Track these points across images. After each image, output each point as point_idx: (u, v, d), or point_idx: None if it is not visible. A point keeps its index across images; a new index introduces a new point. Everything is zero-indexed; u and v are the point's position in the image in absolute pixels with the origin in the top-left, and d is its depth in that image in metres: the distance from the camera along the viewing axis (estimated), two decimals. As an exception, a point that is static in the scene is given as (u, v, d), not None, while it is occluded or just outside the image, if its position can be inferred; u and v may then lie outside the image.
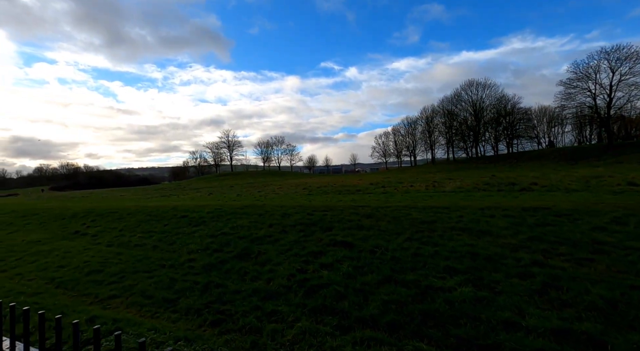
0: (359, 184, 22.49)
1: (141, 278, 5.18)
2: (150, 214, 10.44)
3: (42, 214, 13.95)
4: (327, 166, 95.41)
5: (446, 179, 20.23)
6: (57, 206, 16.29)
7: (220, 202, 13.21)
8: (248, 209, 9.51)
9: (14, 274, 6.08)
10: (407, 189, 16.03)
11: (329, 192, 17.48)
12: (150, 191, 37.97)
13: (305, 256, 5.30)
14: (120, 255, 6.66)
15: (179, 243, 7.03)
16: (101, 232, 9.17)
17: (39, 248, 8.05)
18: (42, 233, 10.25)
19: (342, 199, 11.84)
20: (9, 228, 12.20)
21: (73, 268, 6.08)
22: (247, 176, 69.24)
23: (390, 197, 12.15)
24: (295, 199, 13.58)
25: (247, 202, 12.37)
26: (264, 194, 19.78)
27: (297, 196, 15.61)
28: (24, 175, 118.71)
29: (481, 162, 54.30)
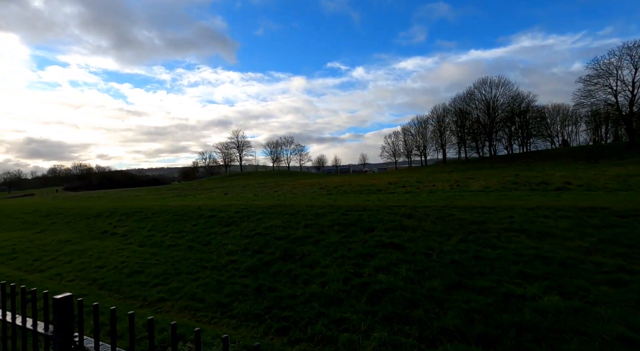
0: (376, 183, 22.12)
1: (186, 280, 5.01)
2: (176, 214, 10.35)
3: (66, 213, 14.07)
4: (335, 166, 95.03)
5: (467, 179, 19.70)
6: (78, 206, 16.45)
7: (242, 202, 13.08)
8: (276, 209, 9.31)
9: (53, 275, 6.00)
10: (430, 188, 15.62)
11: (349, 192, 17.20)
12: (163, 191, 38.33)
13: (355, 259, 5.05)
14: (156, 256, 6.53)
15: (215, 243, 6.87)
16: (130, 232, 9.10)
17: (72, 248, 8.01)
18: (70, 233, 10.27)
19: (368, 198, 11.55)
20: (36, 227, 12.31)
21: (111, 268, 5.96)
22: (257, 176, 69.45)
23: (416, 196, 11.80)
24: (316, 199, 13.35)
25: (269, 202, 12.19)
26: (281, 193, 19.62)
27: (317, 196, 15.38)
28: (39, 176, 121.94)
29: (495, 162, 53.14)
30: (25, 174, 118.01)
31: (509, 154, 60.71)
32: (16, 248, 8.63)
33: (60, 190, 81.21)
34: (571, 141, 66.86)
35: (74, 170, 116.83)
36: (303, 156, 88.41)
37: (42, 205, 19.52)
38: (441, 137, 74.21)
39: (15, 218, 15.31)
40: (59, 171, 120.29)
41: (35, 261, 7.09)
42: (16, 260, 7.41)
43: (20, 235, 11.06)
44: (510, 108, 54.26)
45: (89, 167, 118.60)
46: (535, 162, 45.36)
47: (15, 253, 8.15)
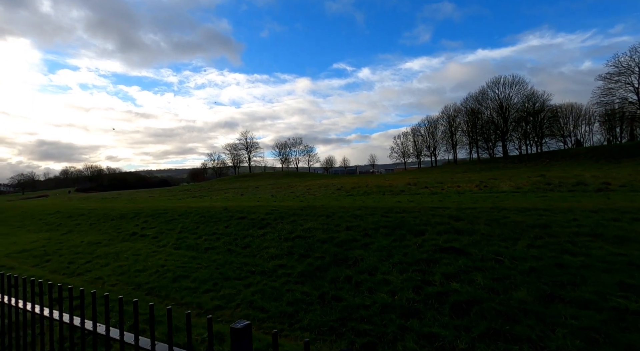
0: (394, 184, 21.69)
1: (237, 286, 4.74)
2: (203, 215, 10.15)
3: (88, 215, 14.04)
4: (344, 167, 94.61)
5: (490, 179, 19.12)
6: (99, 207, 16.45)
7: (263, 203, 12.84)
8: (308, 210, 9.02)
9: (93, 279, 5.81)
10: (456, 189, 15.15)
11: (371, 193, 16.84)
12: (176, 192, 38.51)
13: (416, 265, 4.71)
14: (196, 259, 6.29)
15: (254, 246, 6.60)
16: (160, 234, 8.92)
17: (104, 250, 7.86)
18: (98, 234, 10.16)
19: (398, 199, 11.18)
20: (61, 229, 12.28)
21: (153, 272, 5.74)
22: (266, 177, 69.50)
23: (446, 198, 11.38)
24: (340, 200, 13.03)
25: (292, 203, 11.92)
26: (299, 194, 19.37)
27: (340, 197, 15.06)
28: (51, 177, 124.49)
29: (508, 162, 52.03)
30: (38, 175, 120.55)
31: (521, 155, 59.41)
32: (47, 250, 8.53)
33: (73, 191, 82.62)
34: (584, 141, 65.21)
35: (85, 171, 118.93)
36: (311, 157, 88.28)
37: (63, 206, 19.64)
38: (452, 138, 73.21)
39: (39, 219, 15.37)
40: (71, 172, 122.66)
41: (70, 264, 6.93)
42: (51, 263, 7.28)
43: (47, 236, 11.02)
44: (524, 107, 53.09)
45: (99, 168, 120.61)
46: (552, 162, 44.21)
47: (47, 255, 8.04)
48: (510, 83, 53.86)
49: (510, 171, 32.17)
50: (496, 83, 54.92)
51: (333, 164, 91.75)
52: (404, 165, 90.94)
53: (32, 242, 10.07)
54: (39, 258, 7.82)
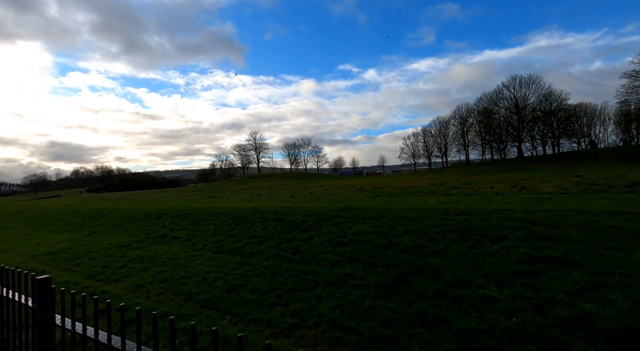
0: (417, 185, 20.89)
1: (305, 298, 4.10)
2: (234, 216, 9.57)
3: (110, 215, 13.63)
4: (353, 168, 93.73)
5: (521, 180, 18.18)
6: (119, 207, 16.07)
7: (290, 204, 12.22)
8: (349, 211, 8.35)
9: (133, 286, 5.24)
10: (490, 190, 14.31)
11: (398, 193, 16.09)
12: (188, 193, 38.30)
13: (516, 278, 4.00)
14: (244, 265, 5.68)
15: (306, 251, 5.97)
16: (193, 236, 8.37)
17: (137, 253, 7.32)
18: (125, 236, 9.67)
19: (440, 200, 10.44)
20: (84, 229, 11.86)
21: (200, 280, 5.15)
22: (276, 178, 69.10)
23: (489, 199, 10.59)
24: (369, 200, 12.35)
25: (321, 204, 11.27)
26: (320, 195, 18.73)
27: (367, 198, 14.37)
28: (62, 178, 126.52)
29: (526, 163, 50.50)
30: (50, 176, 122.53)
31: (537, 156, 57.75)
32: (75, 252, 8.04)
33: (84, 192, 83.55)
34: (598, 142, 63.17)
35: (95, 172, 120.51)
36: (320, 158, 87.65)
37: (81, 206, 19.39)
38: (464, 138, 71.78)
39: (59, 219, 15.05)
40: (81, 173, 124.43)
41: (104, 269, 6.40)
42: (82, 266, 6.76)
43: (71, 237, 10.59)
44: (541, 107, 51.56)
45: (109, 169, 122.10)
46: (573, 163, 42.67)
47: (76, 257, 7.54)
48: (527, 82, 52.43)
49: (534, 172, 30.98)
50: (512, 82, 53.55)
51: (342, 165, 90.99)
52: (413, 166, 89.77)
53: (57, 243, 9.64)
54: (69, 261, 7.33)
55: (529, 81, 52.17)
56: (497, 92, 55.75)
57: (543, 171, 32.53)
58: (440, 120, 77.85)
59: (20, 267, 2.94)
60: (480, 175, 34.07)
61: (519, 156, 56.97)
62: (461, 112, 70.76)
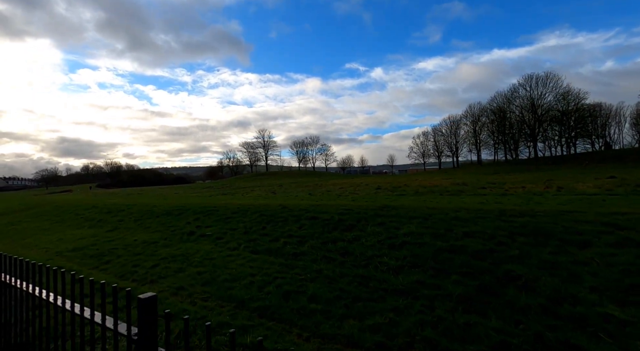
0: (439, 184, 20.17)
1: (380, 310, 3.56)
2: (262, 213, 9.09)
3: (128, 211, 13.29)
4: (357, 167, 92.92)
5: (548, 180, 17.35)
6: (137, 203, 15.76)
7: (314, 202, 11.69)
8: (389, 211, 7.79)
9: (173, 288, 4.77)
10: (522, 190, 13.58)
11: (422, 193, 15.44)
12: (199, 189, 38.10)
13: (635, 293, 3.41)
14: (292, 268, 5.17)
15: (357, 254, 5.43)
16: (223, 234, 7.90)
17: (167, 252, 6.88)
18: (148, 233, 9.26)
19: (479, 201, 9.80)
20: (104, 225, 11.52)
21: (246, 283, 4.65)
22: (284, 176, 68.72)
23: (530, 200, 9.91)
24: (395, 199, 11.75)
25: (346, 202, 10.71)
26: (339, 193, 18.17)
27: (391, 197, 13.77)
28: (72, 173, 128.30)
29: (541, 164, 49.14)
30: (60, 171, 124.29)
31: (551, 156, 56.27)
32: (101, 249, 7.64)
33: (94, 187, 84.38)
34: (613, 143, 61.36)
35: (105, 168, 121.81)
36: (328, 157, 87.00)
37: (97, 201, 19.19)
38: (476, 138, 70.46)
39: (75, 214, 14.80)
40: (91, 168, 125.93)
41: (136, 268, 5.96)
42: (111, 265, 6.34)
43: (92, 233, 10.24)
44: (558, 106, 50.08)
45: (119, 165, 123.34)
46: (593, 164, 41.30)
47: (103, 255, 7.14)
48: (544, 80, 50.95)
49: (554, 172, 29.91)
50: (528, 80, 52.13)
51: (351, 163, 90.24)
52: (423, 165, 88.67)
53: (79, 239, 9.29)
54: (96, 258, 6.92)
55: (546, 80, 50.73)
56: (512, 90, 54.38)
57: (563, 171, 31.44)
58: (451, 119, 76.53)
59: (47, 264, 2.48)
60: (495, 175, 33.09)
61: (534, 156, 55.55)
62: (473, 111, 69.51)
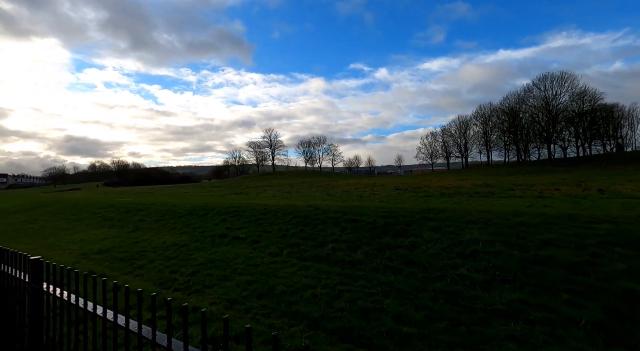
0: (461, 185, 19.46)
1: (494, 338, 2.97)
2: (295, 215, 8.53)
3: (147, 210, 12.85)
4: (362, 168, 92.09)
5: (583, 182, 16.56)
6: (155, 202, 15.33)
7: (340, 202, 11.12)
8: (436, 214, 7.19)
9: (226, 301, 4.22)
10: (558, 193, 12.86)
11: (450, 194, 14.77)
12: (209, 189, 37.76)
13: None
14: (354, 279, 4.59)
15: (423, 263, 4.84)
16: (258, 237, 7.36)
17: (204, 256, 6.34)
18: (176, 234, 8.76)
19: (527, 204, 9.14)
20: (125, 225, 11.07)
21: (309, 297, 4.09)
22: (291, 176, 68.22)
23: (578, 204, 9.24)
24: (419, 200, 11.13)
25: (373, 203, 10.11)
26: (359, 194, 17.59)
27: (417, 198, 13.14)
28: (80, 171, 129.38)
29: (557, 165, 47.94)
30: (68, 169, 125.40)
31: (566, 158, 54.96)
32: (129, 252, 7.15)
33: (101, 185, 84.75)
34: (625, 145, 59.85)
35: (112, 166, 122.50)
36: (335, 157, 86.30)
37: (111, 200, 18.84)
38: (486, 138, 69.29)
39: (92, 213, 14.40)
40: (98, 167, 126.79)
41: (174, 274, 5.44)
42: (146, 270, 5.83)
43: (114, 234, 9.79)
44: (575, 106, 48.83)
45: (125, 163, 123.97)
46: (611, 165, 40.11)
47: (133, 258, 6.64)
48: (559, 80, 49.73)
49: (573, 174, 28.93)
50: (543, 80, 50.93)
51: (359, 163, 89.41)
52: (431, 166, 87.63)
53: (103, 240, 8.83)
54: (127, 262, 6.42)
55: (562, 79, 49.51)
56: (526, 90, 53.22)
57: (584, 173, 30.42)
58: (460, 119, 75.43)
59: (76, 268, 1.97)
60: (512, 176, 32.17)
61: (547, 157, 54.30)
62: (484, 111, 68.38)
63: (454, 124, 76.51)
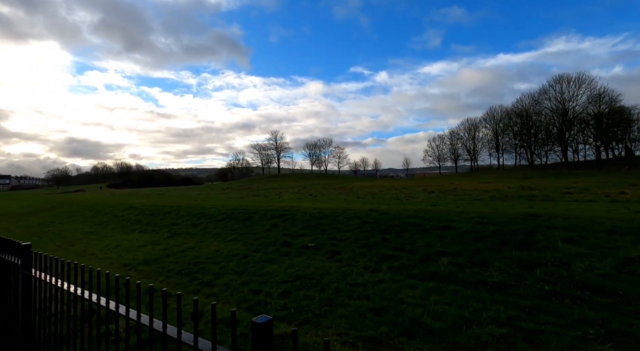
0: (497, 189, 18.32)
1: None
2: (364, 220, 7.38)
3: (175, 213, 11.70)
4: (375, 170, 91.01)
5: (634, 185, 15.43)
6: (184, 204, 14.18)
7: (392, 206, 9.98)
8: (541, 220, 6.04)
9: (362, 340, 3.07)
10: (624, 197, 11.71)
11: (497, 197, 13.63)
12: (219, 190, 36.61)
13: None
14: (531, 313, 3.43)
15: (606, 289, 3.68)
16: (332, 246, 6.19)
17: (281, 270, 5.18)
18: (224, 241, 7.60)
19: (613, 208, 7.99)
20: (158, 230, 9.89)
21: (492, 340, 2.94)
22: (299, 178, 67.10)
23: None
24: (467, 204, 9.99)
25: (425, 206, 8.97)
26: (393, 195, 16.45)
27: (462, 202, 11.99)
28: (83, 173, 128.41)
29: (574, 168, 46.75)
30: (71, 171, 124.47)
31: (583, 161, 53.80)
32: (182, 262, 5.99)
33: (104, 187, 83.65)
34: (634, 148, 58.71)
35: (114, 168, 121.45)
36: (342, 159, 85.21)
37: (126, 202, 17.70)
38: (497, 141, 68.24)
39: (113, 216, 13.25)
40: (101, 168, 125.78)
41: (257, 295, 4.28)
42: (217, 288, 4.67)
43: (149, 239, 8.64)
44: (592, 108, 47.76)
45: (128, 165, 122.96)
46: (631, 169, 38.91)
47: (192, 271, 5.47)
48: (577, 81, 48.72)
49: (599, 177, 27.76)
50: (559, 81, 49.92)
51: (366, 166, 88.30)
52: (438, 169, 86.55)
53: (141, 247, 7.68)
54: (185, 276, 5.26)
55: (579, 80, 48.52)
56: (541, 92, 52.20)
57: (610, 176, 29.29)
58: (469, 122, 74.44)
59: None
60: (531, 180, 31.00)
61: (564, 160, 53.12)
62: (494, 114, 67.41)
63: (463, 126, 75.51)
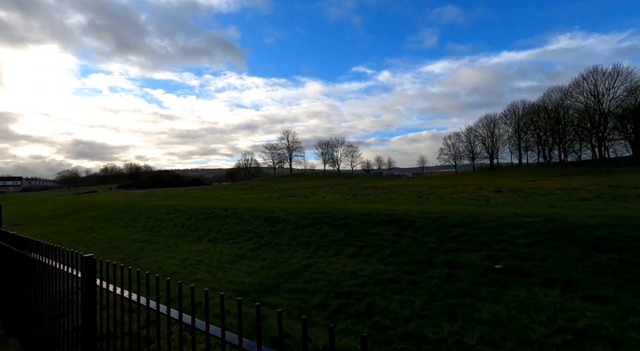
0: (544, 187, 16.46)
1: None
2: (442, 223, 5.67)
3: (235, 216, 10.14)
4: (389, 168, 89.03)
5: None
6: (239, 207, 12.60)
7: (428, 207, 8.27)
8: None
9: None
10: None
11: (563, 199, 11.83)
12: (239, 191, 35.12)
13: None
14: None
15: None
16: (512, 265, 4.51)
17: (488, 310, 3.53)
18: (342, 258, 5.96)
19: None
20: (237, 241, 8.28)
21: None
22: (313, 178, 65.40)
23: None
24: (542, 204, 8.23)
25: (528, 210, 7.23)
26: (438, 196, 14.75)
27: (531, 203, 10.20)
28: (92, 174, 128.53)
29: (612, 166, 44.30)
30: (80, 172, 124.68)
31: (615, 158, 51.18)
32: (323, 291, 4.36)
33: (114, 188, 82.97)
34: None
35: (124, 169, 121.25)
36: (355, 158, 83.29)
37: (157, 203, 16.19)
38: (519, 138, 65.83)
39: (159, 220, 11.65)
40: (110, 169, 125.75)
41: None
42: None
43: (234, 253, 7.05)
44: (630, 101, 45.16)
45: (138, 166, 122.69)
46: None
47: (350, 304, 3.83)
48: (612, 74, 46.15)
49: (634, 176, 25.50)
50: (593, 73, 47.31)
51: (381, 165, 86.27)
52: (454, 168, 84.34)
53: (231, 263, 6.07)
54: (350, 317, 3.59)
55: (615, 73, 45.95)
56: (574, 85, 49.65)
57: None
58: (488, 118, 72.09)
59: None
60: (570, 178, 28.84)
61: (600, 157, 50.50)
62: (515, 110, 65.01)
63: (481, 123, 73.14)
